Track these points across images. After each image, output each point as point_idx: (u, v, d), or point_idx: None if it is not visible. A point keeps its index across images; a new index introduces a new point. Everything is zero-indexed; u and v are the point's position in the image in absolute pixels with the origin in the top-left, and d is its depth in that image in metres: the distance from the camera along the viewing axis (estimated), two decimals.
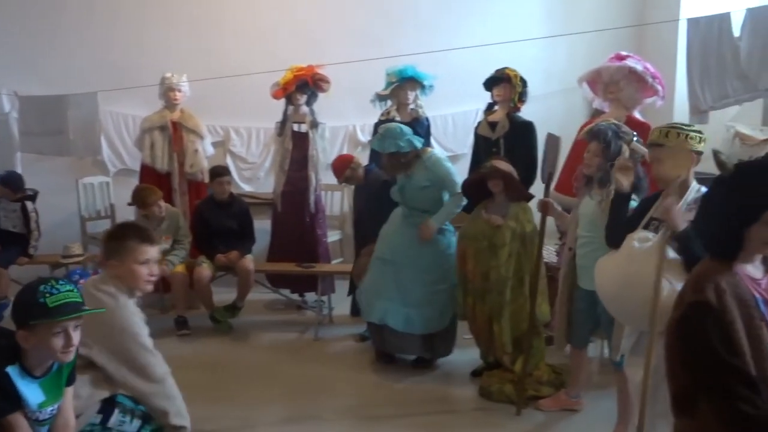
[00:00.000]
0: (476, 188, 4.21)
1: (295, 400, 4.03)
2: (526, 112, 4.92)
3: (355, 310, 5.22)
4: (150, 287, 2.84)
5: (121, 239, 2.79)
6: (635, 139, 3.32)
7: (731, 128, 5.91)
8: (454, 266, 4.34)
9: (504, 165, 4.09)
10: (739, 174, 2.06)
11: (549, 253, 4.73)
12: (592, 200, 3.41)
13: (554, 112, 6.23)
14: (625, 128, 3.39)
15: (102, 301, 2.68)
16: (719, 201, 2.08)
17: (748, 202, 1.99)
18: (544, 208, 3.74)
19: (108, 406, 2.73)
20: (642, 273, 2.75)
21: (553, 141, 3.74)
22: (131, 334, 2.75)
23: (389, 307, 4.36)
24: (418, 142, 4.35)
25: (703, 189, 2.77)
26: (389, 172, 4.48)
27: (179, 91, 5.63)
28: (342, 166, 5.02)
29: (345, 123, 6.50)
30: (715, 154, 2.93)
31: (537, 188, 4.10)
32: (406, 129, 4.42)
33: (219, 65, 5.88)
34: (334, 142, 6.38)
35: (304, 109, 5.47)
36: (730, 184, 2.06)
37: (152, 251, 2.80)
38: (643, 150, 3.26)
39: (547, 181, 3.78)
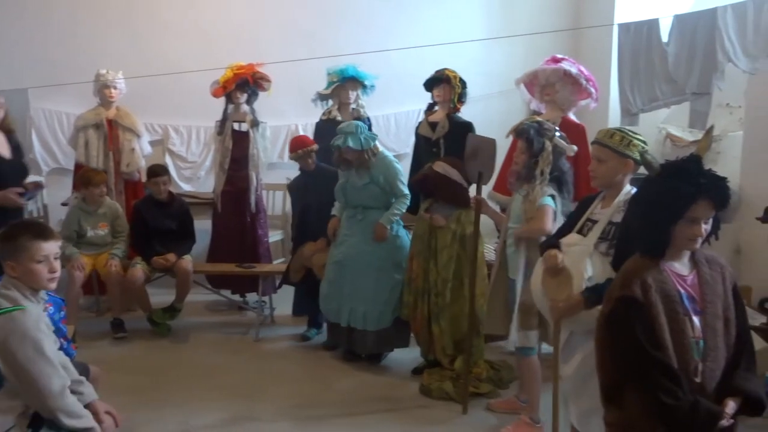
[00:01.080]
0: (421, 188, 4.27)
1: (235, 402, 3.98)
2: (466, 113, 5.00)
3: (297, 310, 5.20)
4: (53, 285, 2.64)
5: (13, 239, 2.59)
6: (558, 134, 3.43)
7: (663, 130, 6.12)
8: (405, 262, 4.42)
9: (445, 167, 4.12)
10: (664, 173, 2.16)
11: (489, 251, 4.80)
12: (520, 195, 3.51)
13: (494, 113, 6.33)
14: (548, 125, 3.49)
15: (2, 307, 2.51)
16: (647, 200, 2.18)
17: (673, 200, 2.08)
18: (477, 205, 3.81)
19: (37, 422, 2.60)
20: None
21: (482, 143, 3.81)
22: (30, 340, 2.49)
23: (348, 307, 4.45)
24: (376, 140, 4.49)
25: (634, 191, 2.85)
26: (345, 167, 4.50)
27: (115, 88, 5.50)
28: (300, 144, 4.94)
29: (287, 122, 6.45)
30: (642, 155, 3.04)
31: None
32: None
33: (157, 62, 5.76)
34: (276, 141, 6.33)
35: (245, 107, 5.42)
36: (657, 184, 2.17)
37: (49, 247, 2.59)
38: (566, 145, 3.40)
39: (477, 181, 3.84)
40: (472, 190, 3.93)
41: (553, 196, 3.40)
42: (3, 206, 3.90)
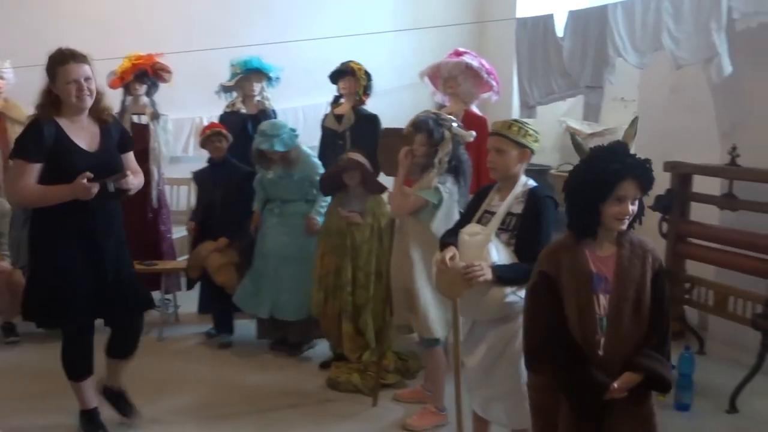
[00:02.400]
0: (330, 182, 4.24)
1: (136, 404, 3.84)
2: (376, 106, 5.01)
3: (203, 308, 5.07)
4: None
5: None
6: (455, 124, 3.48)
7: (563, 123, 6.34)
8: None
9: (360, 157, 4.12)
10: (592, 156, 2.27)
11: None
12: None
13: (403, 106, 6.32)
14: (444, 115, 3.54)
15: None
16: (577, 181, 2.27)
17: (602, 181, 2.19)
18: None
19: None
20: None
21: (397, 135, 3.81)
22: None
23: (270, 298, 4.47)
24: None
25: (531, 182, 2.92)
26: (266, 167, 4.50)
27: (2, 78, 5.18)
28: (212, 127, 4.82)
29: (191, 115, 6.27)
30: (572, 137, 3.12)
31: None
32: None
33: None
34: (179, 134, 6.15)
35: (144, 99, 5.22)
36: (586, 164, 2.27)
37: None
38: (464, 132, 3.45)
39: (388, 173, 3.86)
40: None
41: (437, 189, 3.43)
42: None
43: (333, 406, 3.91)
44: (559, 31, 4.09)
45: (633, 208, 2.21)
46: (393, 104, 6.03)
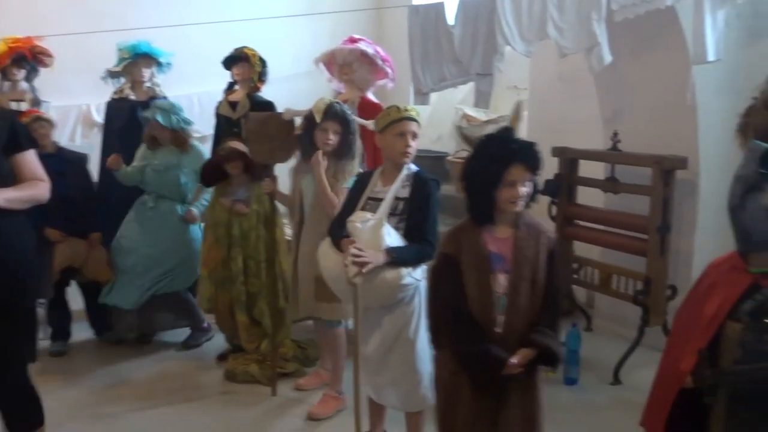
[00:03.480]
0: (211, 172, 4.15)
1: None
2: (273, 93, 4.93)
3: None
4: None
5: None
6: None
7: (460, 110, 6.46)
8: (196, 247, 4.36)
9: (240, 145, 4.05)
10: (481, 145, 2.37)
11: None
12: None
13: (301, 93, 6.24)
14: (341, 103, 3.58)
15: None
16: (470, 171, 2.36)
17: (492, 168, 2.28)
18: (271, 191, 3.78)
19: None
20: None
21: (271, 119, 3.77)
22: None
23: (131, 291, 4.35)
24: None
25: (413, 167, 2.97)
26: (151, 145, 4.40)
27: None
28: (30, 113, 4.44)
29: (76, 102, 5.98)
30: (459, 129, 3.17)
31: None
32: None
33: None
34: (65, 122, 5.84)
35: (23, 85, 4.93)
36: (477, 154, 2.37)
37: None
38: (366, 122, 3.46)
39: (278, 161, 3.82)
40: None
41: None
42: None
43: (231, 398, 3.85)
44: (450, 18, 4.16)
45: (525, 190, 2.30)
46: (290, 91, 5.95)
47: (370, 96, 4.58)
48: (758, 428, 2.06)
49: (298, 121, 3.66)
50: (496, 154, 2.29)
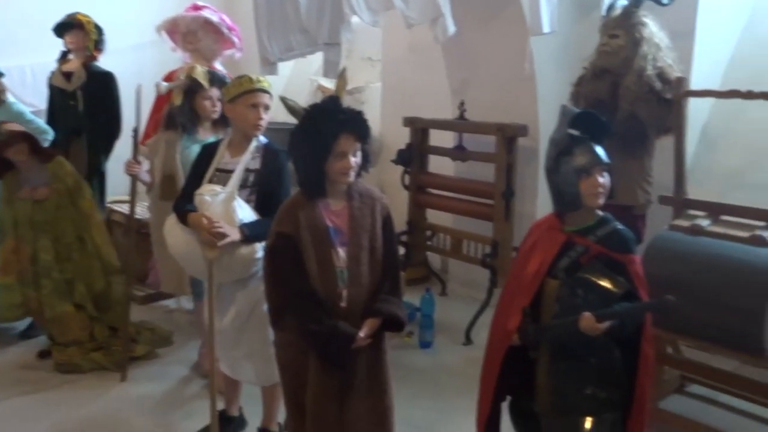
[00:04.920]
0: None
1: None
2: (116, 64, 4.64)
3: None
4: None
5: None
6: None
7: (314, 81, 6.42)
8: None
9: (17, 126, 3.77)
10: (306, 117, 2.29)
11: (143, 209, 4.58)
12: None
13: (147, 63, 5.97)
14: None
15: None
16: (298, 144, 2.29)
17: (320, 140, 2.21)
18: (131, 169, 3.58)
19: None
20: None
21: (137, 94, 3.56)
22: None
23: None
24: None
25: (263, 139, 2.90)
26: None
27: None
28: None
29: None
30: (283, 100, 3.10)
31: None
32: None
33: None
34: None
35: None
36: (303, 126, 2.29)
37: None
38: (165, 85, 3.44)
39: (135, 137, 3.61)
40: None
41: None
42: None
43: (74, 388, 3.64)
44: None
45: (355, 160, 2.28)
46: (135, 63, 5.66)
47: (218, 66, 4.42)
48: (577, 378, 2.19)
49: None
50: (324, 124, 2.23)
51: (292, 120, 6.26)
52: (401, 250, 4.87)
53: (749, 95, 2.84)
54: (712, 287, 2.69)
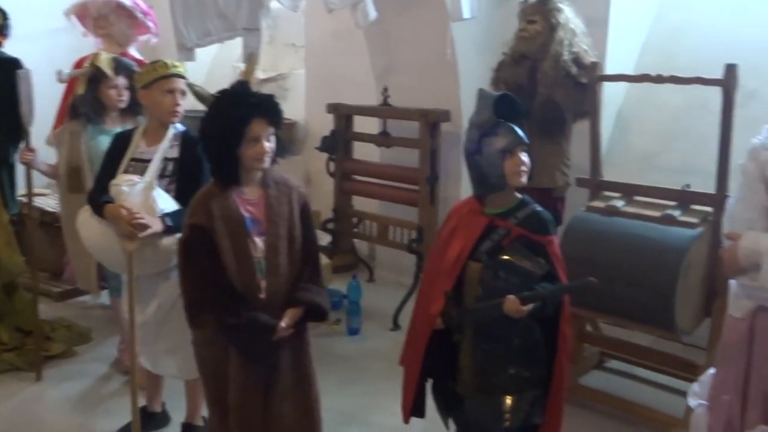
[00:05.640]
0: None
1: None
2: (26, 51, 4.40)
3: None
4: None
5: None
6: None
7: (238, 68, 6.28)
8: None
9: None
10: (217, 102, 2.23)
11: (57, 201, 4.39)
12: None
13: (59, 50, 5.72)
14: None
15: None
16: (210, 130, 2.23)
17: (231, 125, 2.15)
18: (24, 157, 3.42)
19: None
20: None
21: (24, 79, 3.38)
22: None
23: None
24: None
25: (180, 126, 2.83)
26: None
27: None
28: None
29: None
30: (190, 86, 3.02)
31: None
32: None
33: None
34: None
35: None
36: (213, 113, 2.23)
37: None
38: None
39: (20, 124, 3.44)
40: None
41: None
42: None
43: None
44: None
45: (269, 145, 2.23)
46: (46, 49, 5.40)
47: (133, 52, 4.29)
48: (500, 359, 2.23)
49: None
50: (235, 109, 2.18)
51: None
52: (328, 238, 4.85)
53: (659, 79, 2.94)
54: (626, 266, 2.78)
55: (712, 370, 2.09)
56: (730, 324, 1.99)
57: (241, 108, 2.17)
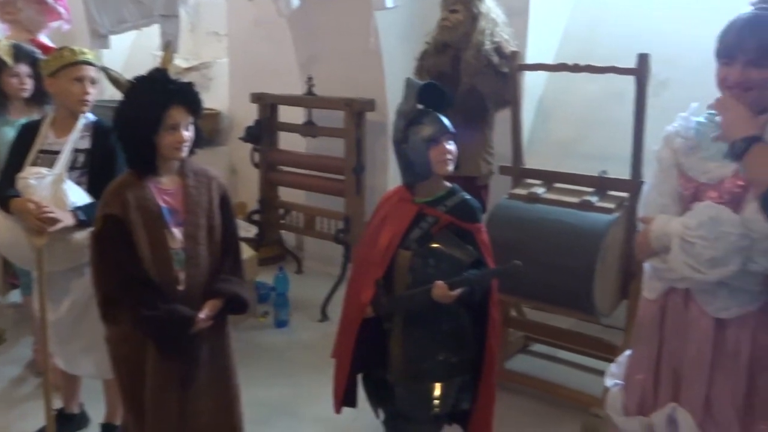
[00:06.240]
0: None
1: None
2: None
3: None
4: None
5: None
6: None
7: (157, 56, 6.09)
8: None
9: None
10: (133, 89, 2.17)
11: None
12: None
13: None
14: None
15: None
16: (126, 118, 2.15)
17: (148, 112, 2.09)
18: None
19: None
20: None
21: None
22: None
23: None
24: None
25: (91, 116, 2.72)
26: None
27: None
28: None
29: None
30: (105, 70, 2.90)
31: None
32: None
33: None
34: None
35: None
36: (130, 99, 2.16)
37: None
38: None
39: None
40: None
41: None
42: None
43: None
44: None
45: (188, 134, 2.18)
46: None
47: (44, 39, 4.09)
48: (430, 345, 2.25)
49: None
50: (152, 96, 2.11)
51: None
52: (254, 230, 4.78)
53: (575, 68, 3.01)
54: (547, 251, 2.84)
55: (628, 351, 2.16)
56: (643, 305, 2.06)
57: (159, 94, 2.11)
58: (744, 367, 1.87)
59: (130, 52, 6.27)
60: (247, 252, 4.06)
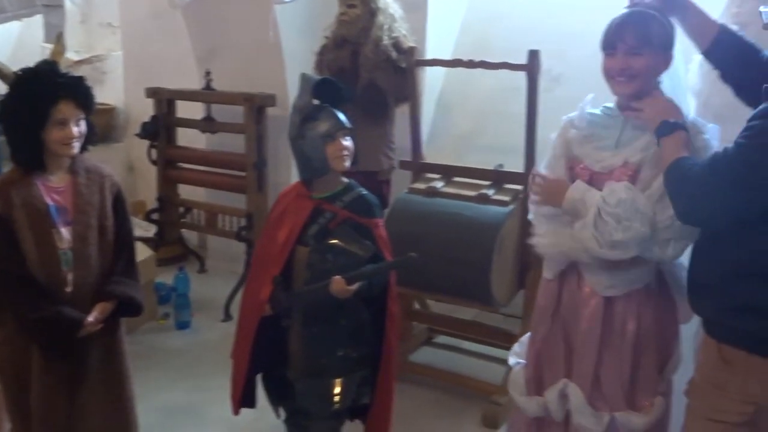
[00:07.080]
0: None
1: None
2: None
3: None
4: None
5: None
6: None
7: (46, 49, 5.79)
8: None
9: None
10: (19, 81, 2.08)
11: None
12: None
13: None
14: None
15: None
16: (11, 110, 2.07)
17: (35, 106, 2.02)
18: None
19: None
20: None
21: None
22: None
23: None
24: None
25: None
26: None
27: None
28: None
29: None
30: None
31: None
32: None
33: None
34: None
35: None
36: (16, 92, 2.08)
37: None
38: None
39: None
40: None
41: None
42: None
43: None
44: None
45: (79, 129, 2.10)
46: None
47: None
48: (329, 341, 2.24)
49: None
50: (40, 89, 2.04)
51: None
52: (153, 229, 4.62)
53: (470, 64, 3.06)
54: (447, 244, 2.89)
55: (529, 333, 2.24)
56: (543, 285, 2.15)
57: (46, 87, 2.03)
58: (630, 344, 1.99)
59: (17, 42, 5.93)
60: (144, 252, 3.93)
